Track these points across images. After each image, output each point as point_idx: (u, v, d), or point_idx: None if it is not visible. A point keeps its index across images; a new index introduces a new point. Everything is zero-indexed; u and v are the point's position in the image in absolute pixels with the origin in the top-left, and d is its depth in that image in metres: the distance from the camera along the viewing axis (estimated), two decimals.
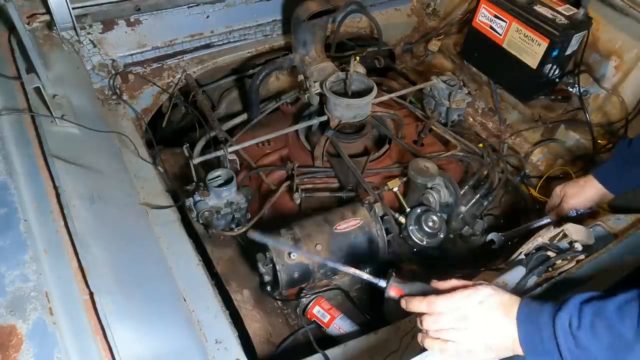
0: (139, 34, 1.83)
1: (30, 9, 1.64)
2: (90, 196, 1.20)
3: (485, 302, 0.90)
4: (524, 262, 1.25)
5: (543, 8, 1.81)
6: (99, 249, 1.08)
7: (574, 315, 0.84)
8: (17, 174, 1.14)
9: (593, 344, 0.80)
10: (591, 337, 0.81)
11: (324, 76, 1.74)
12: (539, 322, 0.86)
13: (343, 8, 1.98)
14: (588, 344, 0.81)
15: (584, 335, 0.81)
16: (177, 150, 1.84)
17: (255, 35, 2.08)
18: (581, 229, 1.30)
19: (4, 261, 0.97)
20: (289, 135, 1.81)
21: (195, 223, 1.51)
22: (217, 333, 1.15)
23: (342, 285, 1.51)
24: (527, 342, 0.87)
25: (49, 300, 0.93)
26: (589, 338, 0.81)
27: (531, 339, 0.86)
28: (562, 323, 0.84)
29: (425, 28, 2.50)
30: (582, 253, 1.22)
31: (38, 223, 1.06)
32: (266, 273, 1.37)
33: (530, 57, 1.86)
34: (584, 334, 0.81)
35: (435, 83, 1.95)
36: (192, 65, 1.96)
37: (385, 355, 1.11)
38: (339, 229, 1.40)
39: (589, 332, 0.81)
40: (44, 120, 1.31)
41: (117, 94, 1.78)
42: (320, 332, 1.41)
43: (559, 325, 0.84)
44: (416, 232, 1.48)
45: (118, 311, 0.96)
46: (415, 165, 1.55)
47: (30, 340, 0.87)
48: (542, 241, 1.29)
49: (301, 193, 1.58)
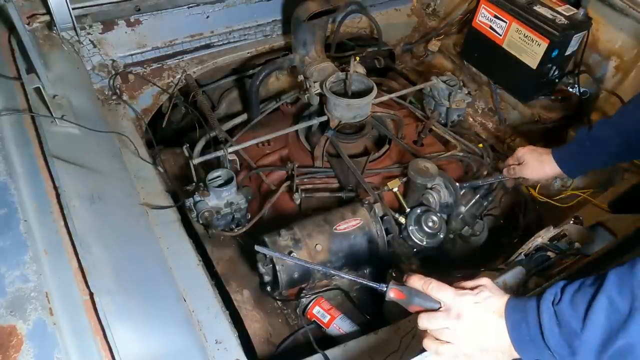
0: (139, 34, 1.83)
1: (30, 9, 1.64)
2: (90, 196, 1.20)
3: (481, 303, 0.89)
4: (524, 262, 1.25)
5: (543, 8, 1.81)
6: (99, 249, 1.08)
7: (557, 294, 0.83)
8: (17, 174, 1.14)
9: (573, 317, 0.79)
10: (571, 311, 0.80)
11: (324, 76, 1.74)
12: (526, 308, 0.85)
13: (343, 8, 1.98)
14: (569, 318, 0.80)
15: (564, 308, 0.80)
16: (177, 150, 1.84)
17: (255, 35, 2.08)
18: (581, 229, 1.30)
19: (4, 261, 0.97)
20: (289, 136, 1.81)
21: (195, 223, 1.51)
22: (217, 333, 1.15)
23: (342, 285, 1.51)
24: (514, 332, 0.86)
25: (49, 300, 0.93)
26: (569, 312, 0.80)
27: (518, 327, 0.85)
28: (547, 303, 0.83)
29: (425, 28, 2.50)
30: (582, 253, 1.22)
31: (38, 223, 1.06)
32: (266, 273, 1.37)
33: (530, 57, 1.86)
34: (565, 307, 0.80)
35: (435, 83, 1.95)
36: (192, 66, 1.96)
37: (385, 356, 1.11)
38: (339, 229, 1.41)
39: (569, 306, 0.80)
40: (44, 121, 1.31)
41: (117, 94, 1.78)
42: (320, 332, 1.41)
43: (543, 306, 0.83)
44: (416, 233, 1.48)
45: (118, 311, 0.96)
46: (415, 165, 1.55)
47: (30, 340, 0.87)
48: (542, 241, 1.29)
49: (301, 193, 1.58)
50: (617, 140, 1.37)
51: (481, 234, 1.64)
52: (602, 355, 0.77)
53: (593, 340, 0.77)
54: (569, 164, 1.50)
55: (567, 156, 1.50)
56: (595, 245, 1.28)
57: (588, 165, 1.50)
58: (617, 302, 0.76)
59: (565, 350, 0.80)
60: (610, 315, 0.76)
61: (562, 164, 1.50)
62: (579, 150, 1.46)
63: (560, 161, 1.50)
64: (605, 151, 1.41)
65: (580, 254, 1.25)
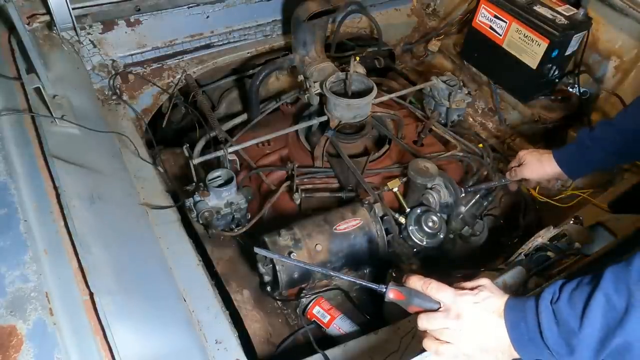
0: (139, 34, 1.83)
1: (30, 9, 1.64)
2: (90, 196, 1.20)
3: (480, 303, 0.89)
4: (524, 262, 1.25)
5: (543, 8, 1.81)
6: (99, 249, 1.08)
7: (555, 293, 0.83)
8: (17, 174, 1.14)
9: (571, 315, 0.79)
10: (569, 309, 0.80)
11: (324, 76, 1.74)
12: (525, 307, 0.85)
13: (343, 8, 1.98)
14: (567, 316, 0.79)
15: (562, 306, 0.80)
16: (177, 150, 1.84)
17: (255, 35, 2.08)
18: (581, 229, 1.30)
19: (4, 261, 0.97)
20: (289, 136, 1.81)
21: (195, 223, 1.51)
22: (217, 333, 1.15)
23: (342, 285, 1.51)
24: (514, 332, 0.85)
25: (49, 300, 0.93)
26: (567, 310, 0.80)
27: (517, 326, 0.85)
28: (545, 302, 0.83)
29: (425, 28, 2.50)
30: (582, 253, 1.22)
31: (38, 223, 1.06)
32: (266, 273, 1.37)
33: (530, 57, 1.86)
34: (563, 305, 0.80)
35: (435, 83, 1.95)
36: (192, 66, 1.96)
37: (385, 356, 1.11)
38: (339, 229, 1.41)
39: (567, 304, 0.80)
40: (44, 121, 1.31)
41: (117, 94, 1.78)
42: (320, 332, 1.41)
43: (542, 305, 0.83)
44: (416, 233, 1.48)
45: (118, 311, 0.96)
46: (415, 165, 1.55)
47: (30, 340, 0.87)
48: (542, 241, 1.29)
49: (301, 193, 1.58)
50: (619, 141, 1.37)
51: (481, 234, 1.64)
52: (600, 353, 0.77)
53: (591, 338, 0.77)
54: (570, 164, 1.49)
55: (568, 156, 1.49)
56: (595, 245, 1.28)
57: (589, 166, 1.49)
58: (614, 299, 0.76)
59: (564, 348, 0.80)
60: (607, 312, 0.76)
61: (562, 164, 1.49)
62: (579, 150, 1.46)
63: (560, 161, 1.50)
64: (606, 152, 1.40)
65: (580, 254, 1.25)
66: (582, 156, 1.46)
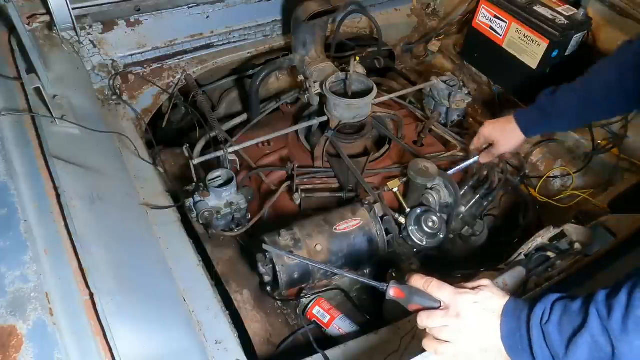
0: (139, 34, 1.83)
1: (30, 9, 1.64)
2: (90, 196, 1.20)
3: (480, 302, 0.89)
4: (524, 262, 1.25)
5: (543, 8, 1.81)
6: (99, 249, 1.08)
7: (546, 311, 0.83)
8: (17, 174, 1.14)
9: (558, 342, 0.79)
10: (557, 335, 0.80)
11: (324, 76, 1.74)
12: (520, 317, 0.85)
13: (343, 8, 1.98)
14: (554, 342, 0.80)
15: (551, 330, 0.80)
16: (177, 150, 1.84)
17: (255, 35, 2.08)
18: (581, 229, 1.30)
19: (4, 262, 0.97)
20: (289, 136, 1.81)
21: (196, 223, 1.51)
22: (217, 333, 1.16)
23: (342, 285, 1.51)
24: (508, 339, 0.86)
25: (49, 300, 0.93)
26: (555, 335, 0.80)
27: (512, 335, 0.85)
28: (536, 320, 0.83)
29: (425, 28, 2.50)
30: (582, 253, 1.22)
31: (38, 223, 1.06)
32: (266, 273, 1.37)
33: (530, 57, 1.86)
34: (552, 329, 0.81)
35: (435, 83, 1.95)
36: (192, 66, 1.96)
37: (385, 356, 1.11)
38: (339, 230, 1.41)
39: (556, 329, 0.80)
40: (44, 121, 1.31)
41: (117, 95, 1.78)
42: (320, 332, 1.41)
43: (532, 322, 0.83)
44: (416, 233, 1.48)
45: (118, 311, 0.96)
46: (415, 165, 1.55)
47: (30, 340, 0.87)
48: (542, 241, 1.29)
49: (301, 193, 1.58)
50: (579, 107, 1.41)
51: (481, 234, 1.64)
52: None
53: None
54: (533, 130, 1.57)
55: (530, 123, 1.54)
56: (595, 245, 1.28)
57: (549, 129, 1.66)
58: (601, 342, 0.76)
59: None
60: (593, 352, 0.77)
61: (525, 131, 1.55)
62: (542, 117, 1.50)
63: (523, 129, 1.54)
64: (568, 119, 1.46)
65: (580, 254, 1.25)
66: (544, 122, 1.51)
